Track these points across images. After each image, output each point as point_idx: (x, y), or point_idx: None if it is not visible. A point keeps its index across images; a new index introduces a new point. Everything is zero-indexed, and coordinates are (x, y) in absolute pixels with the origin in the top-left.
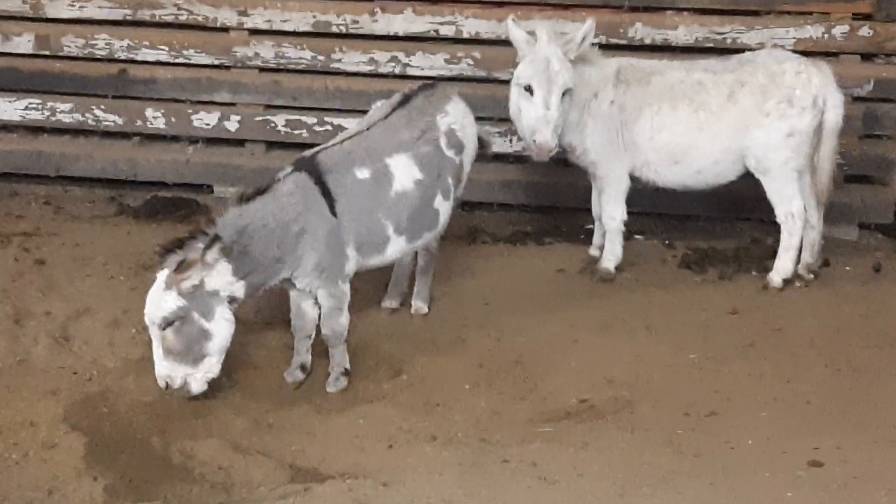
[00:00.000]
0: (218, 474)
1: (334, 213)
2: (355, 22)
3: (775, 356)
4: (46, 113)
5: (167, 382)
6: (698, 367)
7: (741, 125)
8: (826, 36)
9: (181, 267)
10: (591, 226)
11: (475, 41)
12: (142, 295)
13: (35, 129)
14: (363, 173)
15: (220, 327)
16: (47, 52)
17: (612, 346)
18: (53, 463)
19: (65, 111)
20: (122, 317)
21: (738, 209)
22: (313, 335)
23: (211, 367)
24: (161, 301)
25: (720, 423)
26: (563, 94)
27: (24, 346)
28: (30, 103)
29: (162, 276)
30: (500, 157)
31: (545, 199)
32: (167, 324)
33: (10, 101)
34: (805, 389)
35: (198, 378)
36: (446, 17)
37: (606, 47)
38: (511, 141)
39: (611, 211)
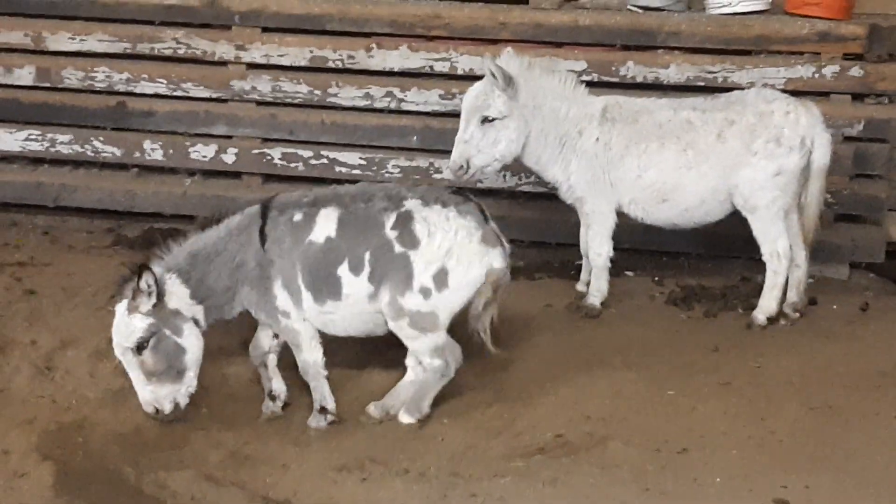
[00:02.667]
0: None
1: (263, 248)
2: (351, 57)
3: (752, 394)
4: (46, 144)
5: (156, 408)
6: (674, 404)
7: (729, 164)
8: (817, 76)
9: (135, 295)
10: (581, 262)
11: (469, 77)
12: None
13: (35, 160)
14: (297, 216)
15: (191, 342)
16: (48, 84)
17: (592, 382)
18: (22, 492)
19: (64, 142)
20: (107, 347)
21: (729, 247)
22: (268, 364)
23: (190, 381)
24: (129, 326)
25: (690, 460)
26: (486, 120)
27: (5, 375)
28: (30, 134)
29: (121, 307)
30: (493, 193)
31: (538, 234)
32: (142, 346)
33: (11, 132)
34: (778, 428)
35: (182, 393)
36: (441, 53)
37: (598, 85)
38: (504, 177)
39: (597, 247)
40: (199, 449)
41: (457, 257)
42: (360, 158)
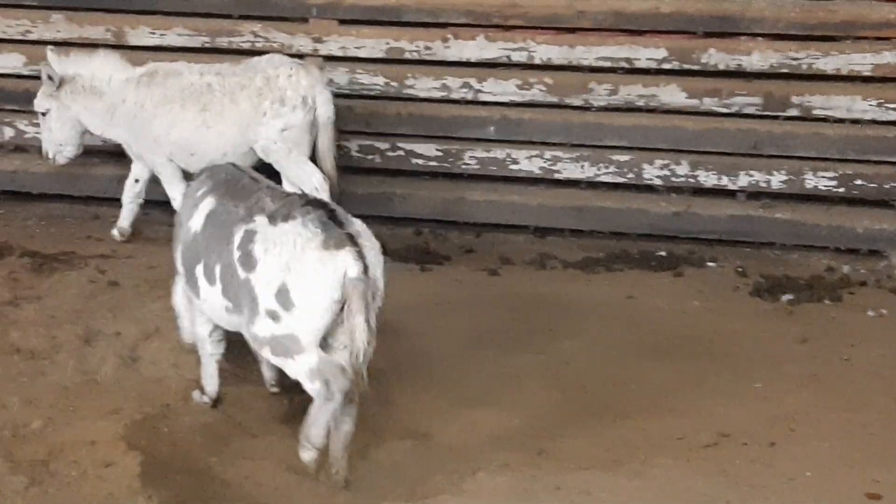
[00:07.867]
0: (273, 495)
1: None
2: (428, 48)
3: (842, 387)
4: None
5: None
6: (762, 396)
7: (244, 123)
8: None
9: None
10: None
11: (547, 67)
12: None
13: (116, 154)
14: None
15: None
16: None
17: (675, 373)
18: (109, 481)
19: None
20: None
21: (814, 237)
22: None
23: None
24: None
25: (779, 453)
26: (42, 115)
27: (92, 365)
28: None
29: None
30: (572, 183)
31: (617, 225)
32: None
33: None
34: (869, 420)
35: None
36: (518, 43)
37: (679, 73)
38: (583, 167)
39: (171, 193)
40: (282, 440)
41: (295, 271)
42: (437, 150)
